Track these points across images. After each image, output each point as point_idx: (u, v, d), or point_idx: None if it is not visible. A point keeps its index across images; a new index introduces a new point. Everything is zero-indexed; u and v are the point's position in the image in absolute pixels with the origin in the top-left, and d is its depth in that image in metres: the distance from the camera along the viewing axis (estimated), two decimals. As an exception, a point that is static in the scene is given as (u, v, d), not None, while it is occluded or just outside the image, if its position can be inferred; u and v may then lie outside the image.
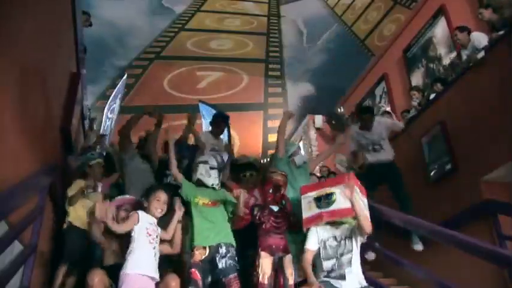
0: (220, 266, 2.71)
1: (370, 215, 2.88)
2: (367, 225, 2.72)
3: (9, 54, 2.33)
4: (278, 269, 2.80)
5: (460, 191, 4.15)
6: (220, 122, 4.37)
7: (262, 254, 2.79)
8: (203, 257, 2.73)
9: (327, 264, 2.71)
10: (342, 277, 2.63)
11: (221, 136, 4.45)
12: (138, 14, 9.80)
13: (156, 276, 2.48)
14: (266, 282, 2.70)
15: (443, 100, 4.68)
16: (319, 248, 2.77)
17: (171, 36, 10.72)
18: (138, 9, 9.72)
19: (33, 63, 2.87)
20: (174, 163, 3.06)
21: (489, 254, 2.35)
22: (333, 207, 2.84)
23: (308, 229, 2.87)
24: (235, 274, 2.71)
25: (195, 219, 2.87)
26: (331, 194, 2.90)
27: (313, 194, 2.97)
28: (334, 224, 2.85)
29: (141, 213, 2.62)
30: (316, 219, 2.85)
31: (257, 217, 2.95)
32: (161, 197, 2.70)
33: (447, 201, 4.26)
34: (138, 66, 10.59)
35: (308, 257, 2.77)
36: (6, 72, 2.29)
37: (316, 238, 2.80)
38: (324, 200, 2.88)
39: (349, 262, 2.68)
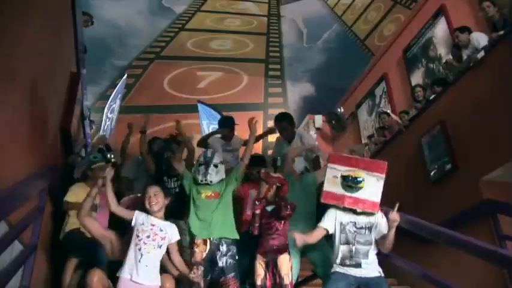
0: (220, 264, 2.76)
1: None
2: (389, 247, 2.69)
3: (9, 54, 2.33)
4: (273, 269, 2.81)
5: (460, 191, 4.15)
6: (227, 133, 4.44)
7: (257, 256, 2.85)
8: (204, 254, 2.76)
9: (343, 249, 2.62)
10: (358, 265, 2.57)
11: (236, 134, 4.57)
12: (138, 14, 9.81)
13: (141, 281, 2.40)
14: (259, 283, 2.75)
15: (443, 100, 4.67)
16: (334, 233, 2.66)
17: (171, 36, 10.72)
18: (138, 9, 9.73)
19: (33, 63, 2.86)
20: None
21: (489, 254, 2.35)
22: (357, 195, 2.70)
23: (325, 204, 2.76)
24: (234, 274, 2.76)
25: (192, 214, 2.92)
26: (360, 179, 2.71)
27: (342, 169, 2.77)
28: (353, 210, 2.73)
29: (137, 212, 2.59)
30: (337, 200, 2.72)
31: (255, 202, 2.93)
32: (150, 192, 2.66)
33: (447, 201, 4.25)
34: (138, 66, 10.58)
35: (316, 235, 2.67)
36: (6, 71, 2.29)
37: (334, 220, 2.68)
38: (351, 182, 2.71)
39: (366, 254, 2.61)
